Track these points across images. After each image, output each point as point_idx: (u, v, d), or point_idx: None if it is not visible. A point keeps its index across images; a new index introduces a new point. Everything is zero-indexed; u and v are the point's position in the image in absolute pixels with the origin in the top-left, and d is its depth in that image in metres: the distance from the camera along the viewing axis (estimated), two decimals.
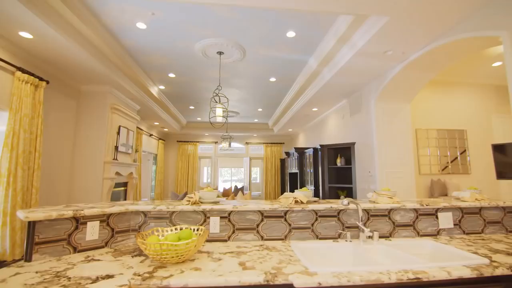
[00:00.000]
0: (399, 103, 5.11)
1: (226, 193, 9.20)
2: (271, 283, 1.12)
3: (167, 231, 1.50)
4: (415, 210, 1.92)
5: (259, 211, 1.77)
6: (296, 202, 1.82)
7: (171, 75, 5.81)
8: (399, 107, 5.12)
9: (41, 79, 4.12)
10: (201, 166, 12.22)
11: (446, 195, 5.16)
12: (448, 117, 5.66)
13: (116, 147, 5.66)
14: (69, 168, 5.08)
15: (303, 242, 1.68)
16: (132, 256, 1.40)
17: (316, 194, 6.89)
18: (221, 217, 1.73)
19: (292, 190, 9.50)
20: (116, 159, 5.60)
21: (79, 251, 1.43)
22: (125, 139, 6.06)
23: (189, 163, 11.62)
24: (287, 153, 9.64)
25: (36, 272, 1.16)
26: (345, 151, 6.04)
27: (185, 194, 5.06)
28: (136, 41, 4.31)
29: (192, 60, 5.05)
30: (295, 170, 8.65)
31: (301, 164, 8.10)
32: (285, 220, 1.77)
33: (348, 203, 1.61)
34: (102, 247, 1.52)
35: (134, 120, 6.65)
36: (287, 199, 1.86)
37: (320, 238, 1.78)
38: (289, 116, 8.09)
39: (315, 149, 7.05)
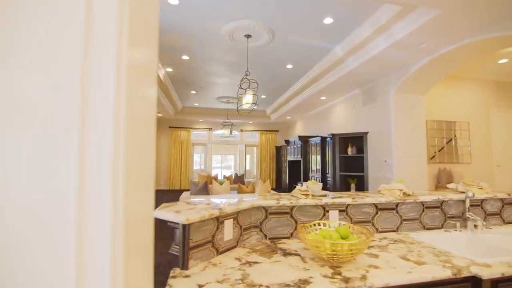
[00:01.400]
0: (416, 94, 5.30)
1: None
2: (458, 276, 1.12)
3: (310, 226, 1.42)
4: (502, 200, 2.02)
5: (374, 204, 1.74)
6: (404, 194, 1.82)
7: (185, 57, 5.45)
8: (416, 99, 5.31)
9: None
10: (194, 153, 11.88)
11: (452, 182, 5.54)
12: (452, 109, 5.99)
13: None
14: None
15: (423, 233, 1.71)
16: (285, 255, 1.31)
17: (323, 182, 7.05)
18: (339, 211, 1.68)
19: (292, 178, 9.64)
20: None
21: (220, 253, 1.31)
22: None
23: (182, 150, 11.23)
24: (287, 141, 9.68)
25: (218, 282, 1.03)
26: (357, 140, 6.18)
27: (206, 183, 4.89)
28: (163, 17, 3.94)
29: (212, 43, 4.76)
30: (297, 158, 8.74)
31: (305, 152, 8.19)
32: (397, 212, 1.77)
33: (469, 192, 1.64)
34: (234, 246, 1.41)
35: None
36: (390, 191, 1.85)
37: (427, 229, 1.82)
38: (293, 104, 8.06)
39: (323, 138, 7.15)
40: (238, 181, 8.75)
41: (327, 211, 1.67)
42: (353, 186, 6.11)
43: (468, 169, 5.84)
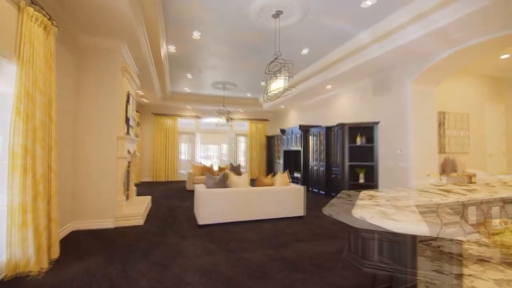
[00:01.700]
0: (431, 86, 5.36)
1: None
2: None
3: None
4: None
5: None
6: None
7: (196, 34, 4.85)
8: (430, 90, 5.38)
9: (50, 18, 2.91)
10: (180, 142, 11.13)
11: (455, 171, 5.80)
12: (454, 101, 6.22)
13: (128, 119, 4.59)
14: (71, 147, 3.91)
15: None
16: None
17: (328, 172, 7.00)
18: None
19: (288, 169, 9.50)
20: (129, 134, 4.57)
21: None
22: (131, 110, 4.97)
23: (168, 139, 10.45)
24: (283, 130, 9.46)
25: None
26: (366, 130, 6.16)
27: (224, 175, 4.47)
28: None
29: (233, 20, 4.26)
30: (295, 147, 8.59)
31: (305, 142, 8.06)
32: None
33: None
34: None
35: (135, 86, 5.47)
36: None
37: None
38: (295, 92, 7.80)
39: (328, 128, 7.04)
40: (234, 172, 8.36)
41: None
42: (361, 176, 6.12)
43: (467, 159, 6.17)
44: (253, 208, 4.41)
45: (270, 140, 11.45)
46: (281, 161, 9.84)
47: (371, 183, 5.99)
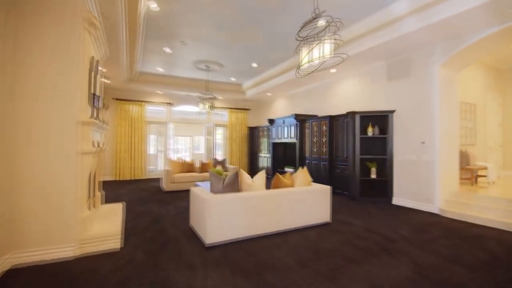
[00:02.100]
0: (455, 71, 4.86)
1: (205, 167, 7.29)
2: None
3: None
4: None
5: None
6: None
7: None
8: (454, 76, 4.88)
9: None
10: (148, 133, 9.49)
11: (468, 164, 5.49)
12: (463, 90, 5.91)
13: (94, 98, 3.18)
14: (1, 139, 2.44)
15: None
16: None
17: (331, 167, 6.27)
18: None
19: (278, 163, 8.61)
20: (96, 118, 3.17)
21: None
22: (98, 84, 3.54)
23: (133, 130, 8.77)
24: (271, 120, 8.51)
25: None
26: (379, 119, 5.52)
27: (236, 174, 3.36)
28: None
29: None
30: (288, 139, 7.71)
31: (301, 133, 7.22)
32: None
33: None
34: None
35: (102, 53, 3.98)
36: None
37: None
38: (289, 77, 6.87)
39: (332, 117, 6.28)
40: (216, 166, 7.19)
41: None
42: (373, 170, 5.49)
43: (472, 151, 5.93)
44: (275, 216, 3.40)
45: (252, 131, 10.42)
46: (269, 154, 8.91)
47: (384, 178, 5.38)
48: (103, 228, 3.06)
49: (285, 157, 8.67)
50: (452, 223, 3.98)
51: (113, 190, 6.63)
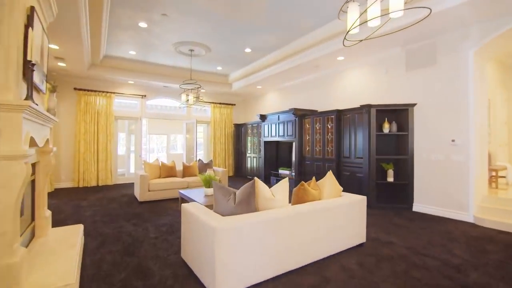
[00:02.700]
0: (486, 59, 4.28)
1: (201, 168, 6.08)
2: None
3: None
4: None
5: None
6: None
7: None
8: (485, 65, 4.30)
9: None
10: (117, 130, 8.06)
11: (490, 164, 4.99)
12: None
13: (30, 67, 1.98)
14: None
15: None
16: None
17: (338, 169, 5.48)
18: None
19: (272, 164, 7.68)
20: (33, 101, 1.97)
21: None
22: (39, 53, 2.34)
23: (99, 126, 7.32)
24: (263, 116, 7.55)
25: None
26: (397, 114, 4.83)
27: (252, 186, 2.36)
28: None
29: None
30: (282, 138, 6.82)
31: (300, 131, 6.36)
32: None
33: None
34: None
35: (48, 14, 2.73)
36: None
37: None
38: (290, 65, 5.98)
39: (340, 111, 5.49)
40: (204, 169, 6.12)
41: None
42: (390, 172, 4.78)
43: (492, 150, 5.48)
44: (305, 243, 2.45)
45: (239, 129, 9.40)
46: (260, 155, 7.95)
47: (403, 181, 4.69)
48: (45, 280, 1.90)
49: (278, 158, 7.78)
50: (501, 236, 3.34)
51: (71, 201, 5.25)
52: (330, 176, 3.01)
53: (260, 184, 2.45)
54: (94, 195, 5.87)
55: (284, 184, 2.54)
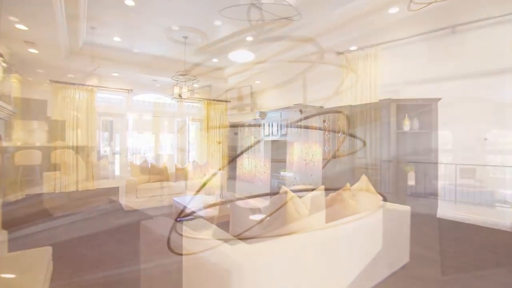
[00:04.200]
0: None
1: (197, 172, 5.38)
2: None
3: None
4: None
5: None
6: None
7: None
8: None
9: None
10: (100, 128, 7.25)
11: None
12: None
13: None
14: None
15: None
16: None
17: (351, 169, 4.96)
18: None
19: (273, 166, 7.09)
20: None
21: None
22: None
23: (79, 123, 6.49)
24: (262, 113, 6.94)
25: None
26: (418, 109, 4.36)
27: (283, 199, 1.76)
28: None
29: None
30: (285, 137, 6.24)
31: (305, 129, 5.79)
32: None
33: None
34: None
35: None
36: None
37: None
38: (295, 55, 5.41)
39: (352, 107, 4.98)
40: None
41: None
42: (411, 175, 4.30)
43: None
44: (345, 270, 1.87)
45: (235, 128, 8.74)
46: (260, 155, 7.34)
47: (426, 184, 4.22)
48: None
49: (280, 159, 7.18)
50: None
51: (43, 212, 4.46)
52: (364, 179, 2.44)
53: (291, 196, 1.84)
54: (71, 203, 5.08)
55: (321, 195, 1.95)
